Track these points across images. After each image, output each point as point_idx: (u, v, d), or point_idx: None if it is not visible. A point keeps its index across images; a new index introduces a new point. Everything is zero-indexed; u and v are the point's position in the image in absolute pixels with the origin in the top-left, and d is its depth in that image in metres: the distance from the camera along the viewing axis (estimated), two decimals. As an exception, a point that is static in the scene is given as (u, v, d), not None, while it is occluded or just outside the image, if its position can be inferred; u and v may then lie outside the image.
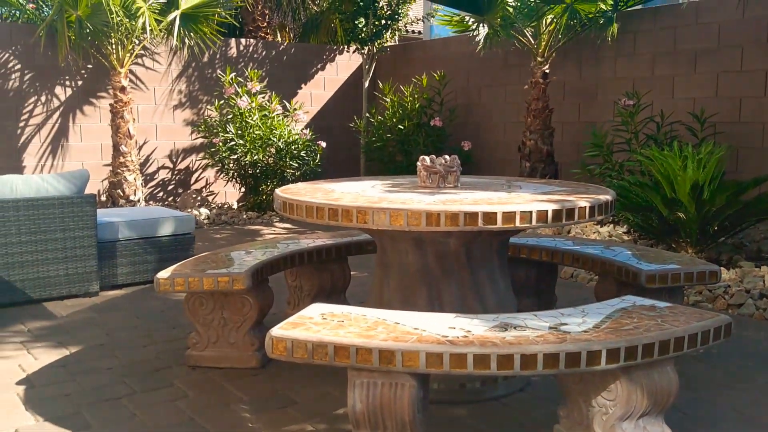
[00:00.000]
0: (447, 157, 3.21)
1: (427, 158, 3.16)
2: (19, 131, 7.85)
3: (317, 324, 2.31)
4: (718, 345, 3.69)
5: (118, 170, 7.73)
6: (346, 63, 10.14)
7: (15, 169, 7.80)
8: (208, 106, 8.85)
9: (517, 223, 2.53)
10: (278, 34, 11.44)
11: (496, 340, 2.17)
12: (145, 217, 5.06)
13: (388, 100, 8.61)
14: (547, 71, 7.23)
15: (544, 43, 7.15)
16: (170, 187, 8.91)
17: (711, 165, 4.91)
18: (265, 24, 10.65)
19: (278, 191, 3.00)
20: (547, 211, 2.56)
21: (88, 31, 7.30)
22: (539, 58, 7.19)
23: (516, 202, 2.61)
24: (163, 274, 3.16)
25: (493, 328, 2.31)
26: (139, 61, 8.50)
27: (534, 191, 2.99)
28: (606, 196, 2.82)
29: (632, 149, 6.18)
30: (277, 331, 2.22)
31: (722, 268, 4.91)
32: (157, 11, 7.55)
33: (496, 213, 2.50)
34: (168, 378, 3.21)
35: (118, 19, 7.14)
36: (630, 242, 5.83)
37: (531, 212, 2.54)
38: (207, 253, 3.60)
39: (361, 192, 2.97)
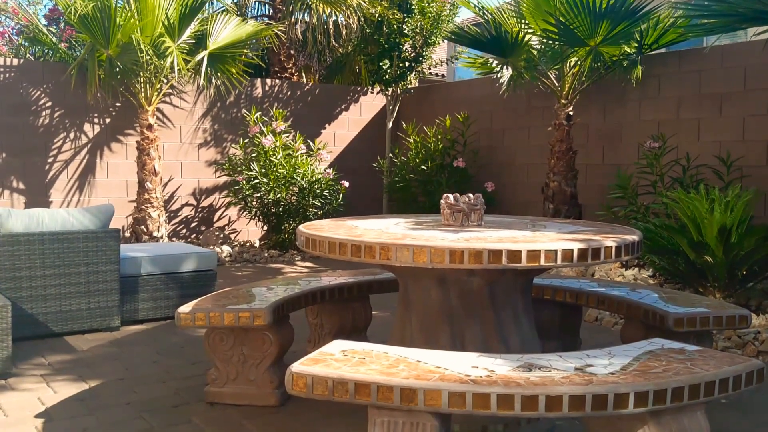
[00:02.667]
0: (471, 195, 3.20)
1: (450, 196, 3.15)
2: (47, 167, 7.98)
3: (338, 360, 2.27)
4: (749, 393, 3.59)
5: (143, 206, 7.80)
6: (370, 104, 10.23)
7: (42, 203, 7.91)
8: (233, 145, 8.95)
9: (542, 262, 2.49)
10: (303, 76, 11.60)
11: (521, 381, 2.12)
12: (167, 252, 5.08)
13: (411, 140, 8.65)
14: (571, 113, 7.23)
15: (567, 86, 7.17)
16: (193, 225, 8.96)
17: (739, 208, 4.84)
18: (291, 65, 10.81)
19: (301, 227, 3.00)
20: (572, 249, 2.52)
21: (118, 69, 7.45)
22: (563, 101, 7.20)
23: (541, 240, 2.58)
24: (184, 308, 3.15)
25: (517, 368, 2.26)
26: (167, 99, 8.64)
27: (559, 230, 2.96)
28: (633, 237, 2.78)
29: (657, 192, 6.12)
30: (297, 366, 2.19)
31: (752, 313, 4.79)
32: (185, 51, 7.70)
33: (520, 251, 2.47)
34: (186, 414, 3.18)
35: (148, 57, 7.28)
36: (656, 286, 5.73)
37: (556, 251, 2.50)
38: (228, 288, 3.59)
39: (384, 229, 2.96)
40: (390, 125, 9.77)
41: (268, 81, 9.46)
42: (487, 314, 2.96)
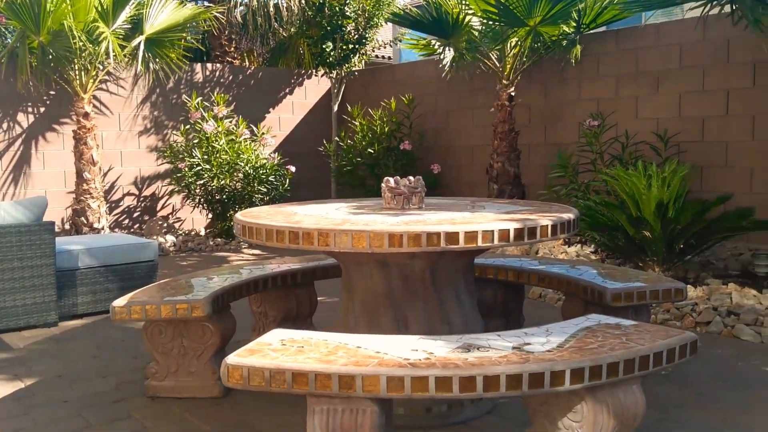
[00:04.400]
0: (411, 178, 3.18)
1: (391, 180, 3.13)
2: (-21, 159, 7.69)
3: (276, 350, 2.24)
4: (687, 365, 3.68)
5: (82, 197, 7.59)
6: (314, 87, 10.13)
7: (-25, 197, 7.63)
8: (174, 132, 8.76)
9: (480, 243, 2.50)
10: (246, 59, 11.42)
11: (459, 362, 2.12)
12: (105, 244, 4.95)
13: (357, 123, 8.60)
14: (513, 94, 7.28)
15: (509, 66, 7.21)
16: (136, 214, 8.77)
17: (675, 183, 4.95)
18: (233, 49, 10.62)
19: (238, 215, 2.94)
20: (509, 230, 2.53)
21: (50, 57, 7.20)
22: (504, 81, 7.24)
23: (478, 221, 2.58)
24: (119, 302, 3.07)
25: (456, 349, 2.26)
26: (103, 86, 8.40)
27: (498, 211, 2.96)
28: (569, 215, 2.80)
29: (597, 169, 6.22)
30: (233, 358, 2.15)
31: (689, 285, 4.93)
32: (121, 36, 7.48)
33: (458, 233, 2.47)
34: (126, 410, 3.10)
35: (81, 44, 7.05)
36: (597, 261, 5.85)
37: (493, 231, 2.51)
38: (167, 279, 3.51)
39: (325, 214, 2.92)
40: (335, 108, 9.69)
41: (209, 65, 9.27)
42: (430, 295, 2.96)
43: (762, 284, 4.81)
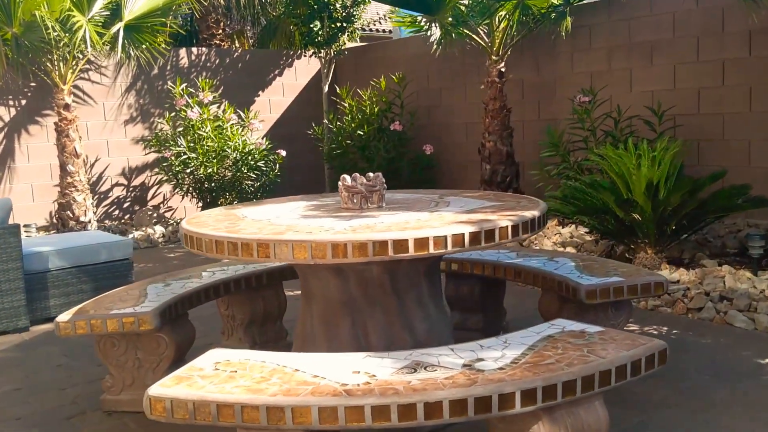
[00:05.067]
0: (371, 174, 3.00)
1: (348, 178, 2.94)
2: (-39, 155, 7.56)
3: (206, 377, 2.08)
4: (675, 356, 3.50)
5: (67, 191, 7.45)
6: (305, 67, 9.90)
7: (-41, 194, 7.51)
8: (160, 120, 8.57)
9: (431, 250, 2.32)
10: (236, 41, 11.19)
11: (400, 387, 1.95)
12: (77, 244, 4.80)
13: (346, 104, 8.37)
14: (503, 70, 7.03)
15: (498, 41, 6.95)
16: (126, 205, 8.63)
17: (666, 162, 4.73)
18: (221, 31, 10.39)
19: (183, 222, 2.76)
20: (463, 234, 2.35)
21: (26, 48, 7.01)
22: (494, 57, 6.99)
23: (432, 225, 2.39)
24: (63, 316, 2.92)
25: (401, 369, 2.09)
26: (85, 75, 8.22)
27: (461, 209, 2.77)
28: (533, 212, 2.61)
29: (589, 147, 5.99)
30: (156, 388, 1.99)
31: (682, 269, 4.73)
32: (100, 24, 7.26)
33: (407, 240, 2.29)
34: (79, 427, 2.97)
35: (55, 34, 6.85)
36: (591, 243, 5.65)
37: (446, 237, 2.32)
38: (121, 288, 3.36)
39: (275, 218, 2.75)
40: (326, 89, 9.45)
41: (194, 50, 9.06)
42: (390, 302, 2.79)
43: (757, 266, 4.60)
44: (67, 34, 6.93)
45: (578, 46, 6.99)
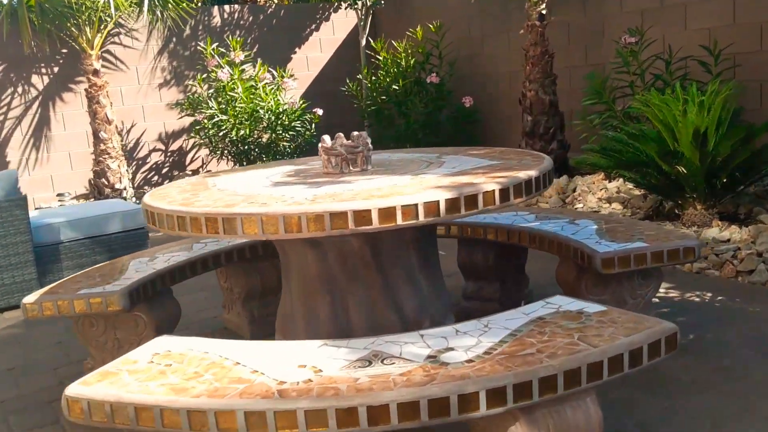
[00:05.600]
0: (355, 133, 2.67)
1: (327, 139, 2.63)
2: (-2, 125, 7.58)
3: (135, 372, 1.84)
4: (717, 324, 3.10)
5: (101, 158, 7.40)
6: (342, 21, 9.52)
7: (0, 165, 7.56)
8: (193, 83, 8.40)
9: (400, 221, 2.00)
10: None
11: (343, 386, 1.66)
12: (89, 214, 4.66)
13: (381, 58, 7.99)
14: (544, 12, 6.49)
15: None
16: (165, 170, 8.55)
17: (717, 107, 4.21)
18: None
19: (146, 197, 2.51)
20: (438, 201, 2.02)
21: (51, 15, 6.89)
22: (531, -2, 6.46)
23: (405, 192, 2.07)
24: (30, 297, 2.74)
25: (355, 362, 1.80)
26: (116, 39, 8.08)
27: (452, 170, 2.43)
28: (529, 172, 2.25)
29: (636, 93, 5.47)
30: (73, 387, 1.76)
31: (735, 226, 4.24)
32: (126, -15, 7.08)
33: (369, 210, 1.98)
34: (57, 411, 2.81)
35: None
36: (639, 198, 5.17)
37: (416, 205, 2.00)
38: (104, 264, 3.16)
39: (243, 187, 2.47)
40: (364, 42, 9.06)
41: (227, 8, 8.79)
42: (373, 277, 2.49)
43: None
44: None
45: (626, -19, 6.39)
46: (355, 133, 2.66)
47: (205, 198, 2.30)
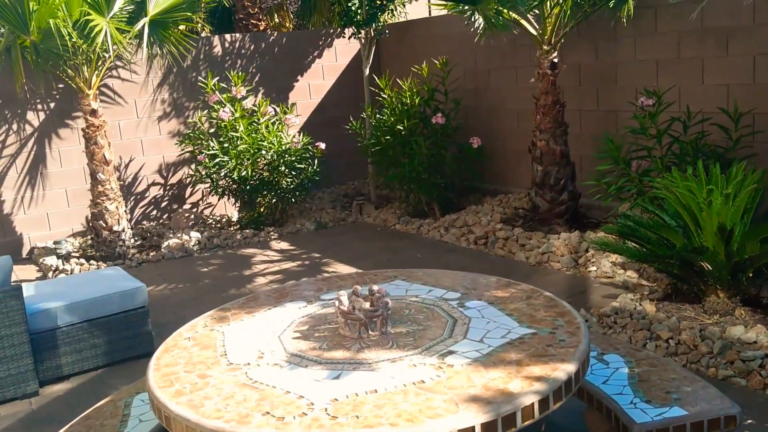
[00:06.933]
0: (375, 287, 2.50)
1: (344, 298, 2.46)
2: (-8, 164, 7.37)
3: None
4: None
5: (98, 200, 7.17)
6: (345, 47, 9.30)
7: (-7, 204, 7.35)
8: (192, 119, 8.17)
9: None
10: (276, 16, 10.63)
11: None
12: (87, 297, 4.47)
13: (385, 96, 7.78)
14: (556, 60, 6.29)
15: (549, 29, 6.20)
16: (163, 204, 8.36)
17: (742, 197, 4.04)
18: (256, 10, 9.84)
19: (151, 373, 2.32)
20: (473, 428, 1.84)
21: (46, 55, 6.65)
22: (545, 46, 6.26)
23: (435, 407, 1.90)
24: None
25: None
26: (114, 73, 7.85)
27: (479, 350, 2.24)
28: (568, 368, 2.08)
29: (654, 160, 5.29)
30: None
31: (760, 325, 4.07)
32: (125, 20, 6.82)
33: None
34: None
35: (73, 41, 6.46)
36: (654, 270, 4.98)
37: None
38: (105, 402, 2.98)
39: (256, 360, 2.29)
40: (367, 72, 8.83)
41: (228, 37, 8.56)
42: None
43: None
44: (84, 42, 6.53)
45: (642, 29, 6.18)
46: (375, 287, 2.49)
47: (218, 382, 2.12)
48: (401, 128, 7.43)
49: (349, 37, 8.81)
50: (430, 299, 2.71)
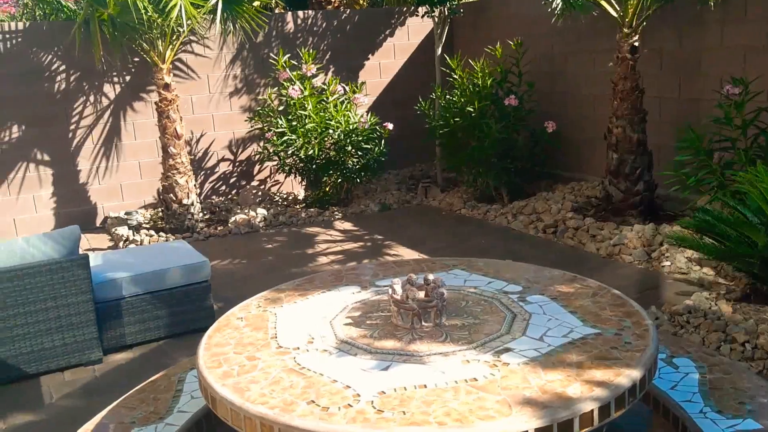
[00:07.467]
0: (431, 276, 2.40)
1: (398, 286, 2.37)
2: (70, 134, 7.58)
3: None
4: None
5: (169, 173, 7.30)
6: (418, 26, 9.15)
7: (69, 173, 7.57)
8: (266, 90, 8.20)
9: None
10: (349, -7, 10.54)
11: None
12: (152, 269, 4.54)
13: (456, 77, 7.61)
14: (637, 44, 6.00)
15: (631, 11, 5.91)
16: (232, 180, 8.45)
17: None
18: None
19: (201, 348, 2.31)
20: (525, 432, 1.74)
21: (122, 29, 6.78)
22: (626, 29, 5.97)
23: (487, 409, 1.80)
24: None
25: None
26: (188, 48, 7.95)
27: (538, 348, 2.13)
28: (633, 374, 1.94)
29: (738, 152, 4.99)
30: None
31: None
32: (198, -5, 6.88)
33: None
34: None
35: (148, 15, 6.54)
36: (732, 267, 4.72)
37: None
38: (159, 376, 3.01)
39: (305, 345, 2.24)
40: (439, 51, 8.65)
41: (300, 14, 8.54)
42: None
43: None
44: (159, 16, 6.61)
45: (730, 15, 5.83)
46: (431, 277, 2.40)
47: (266, 365, 2.08)
48: (471, 110, 7.26)
49: (423, 16, 8.65)
50: (489, 291, 2.60)
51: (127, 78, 7.73)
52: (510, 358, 2.05)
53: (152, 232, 7.16)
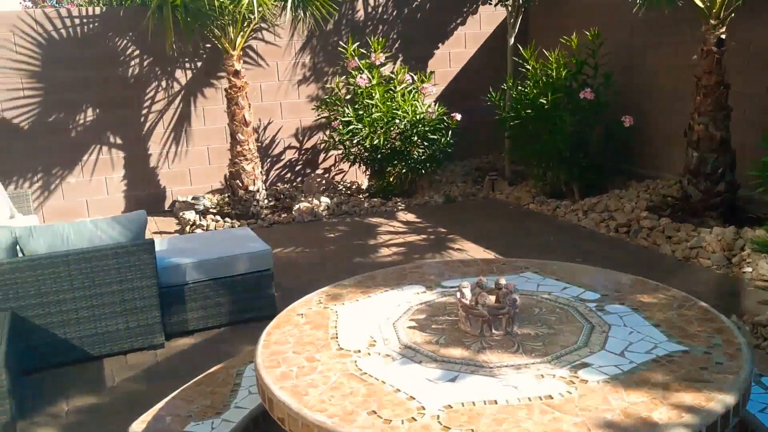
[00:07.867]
0: (502, 281, 2.27)
1: (467, 289, 2.24)
2: (141, 119, 7.68)
3: None
4: None
5: (236, 160, 7.33)
6: (491, 14, 8.93)
7: (140, 156, 7.69)
8: (334, 78, 8.15)
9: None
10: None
11: None
12: (216, 256, 4.53)
13: (529, 67, 7.37)
14: (723, 37, 5.67)
15: (719, 1, 5.58)
16: (297, 168, 8.44)
17: None
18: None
19: (259, 352, 2.23)
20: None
21: (194, 14, 6.81)
22: (712, 21, 5.65)
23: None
24: (137, 426, 2.57)
25: None
26: (258, 35, 7.94)
27: (619, 366, 1.97)
28: (726, 399, 1.77)
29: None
30: None
31: None
32: (271, -18, 6.86)
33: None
34: None
35: (220, 2, 6.55)
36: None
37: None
38: (217, 368, 2.96)
39: (366, 348, 2.14)
40: (512, 41, 8.42)
41: (371, 1, 8.43)
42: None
43: None
44: (231, 3, 6.61)
45: (831, 6, 5.44)
46: (503, 281, 2.26)
47: (321, 375, 1.99)
48: (544, 102, 7.03)
49: (496, 4, 8.42)
50: (564, 298, 2.44)
51: (198, 64, 7.78)
52: (588, 374, 1.90)
53: (218, 217, 7.20)
